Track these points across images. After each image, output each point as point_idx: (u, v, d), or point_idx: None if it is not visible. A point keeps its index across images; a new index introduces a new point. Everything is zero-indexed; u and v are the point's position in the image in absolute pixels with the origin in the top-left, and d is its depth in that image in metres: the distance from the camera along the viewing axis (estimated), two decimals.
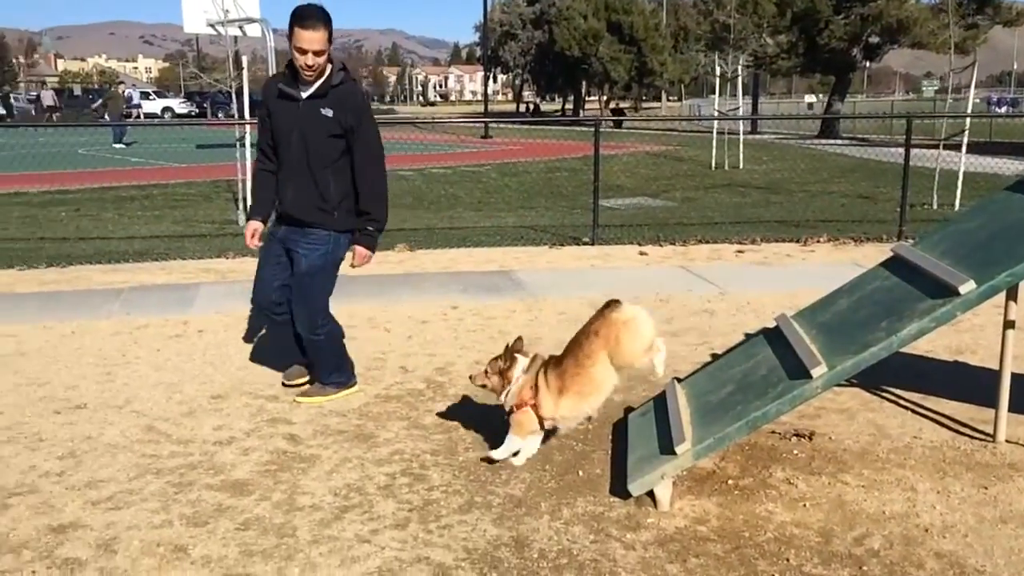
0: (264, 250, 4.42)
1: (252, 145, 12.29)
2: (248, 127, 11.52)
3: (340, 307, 6.38)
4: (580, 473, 3.63)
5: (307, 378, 4.61)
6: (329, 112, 4.06)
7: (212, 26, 14.20)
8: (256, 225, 4.36)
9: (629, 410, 4.26)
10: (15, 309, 6.41)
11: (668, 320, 6.01)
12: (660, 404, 3.87)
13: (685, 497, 3.38)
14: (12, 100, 54.88)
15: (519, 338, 3.81)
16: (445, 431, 4.10)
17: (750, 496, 3.41)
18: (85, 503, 3.35)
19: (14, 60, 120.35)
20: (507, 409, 3.69)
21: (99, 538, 3.09)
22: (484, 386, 3.79)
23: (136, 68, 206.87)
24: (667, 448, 3.35)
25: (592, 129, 10.45)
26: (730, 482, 3.52)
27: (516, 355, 3.71)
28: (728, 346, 5.31)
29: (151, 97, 54.36)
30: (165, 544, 3.05)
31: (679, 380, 4.14)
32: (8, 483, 3.53)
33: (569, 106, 67.56)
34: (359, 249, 4.35)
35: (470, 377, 3.90)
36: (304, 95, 4.08)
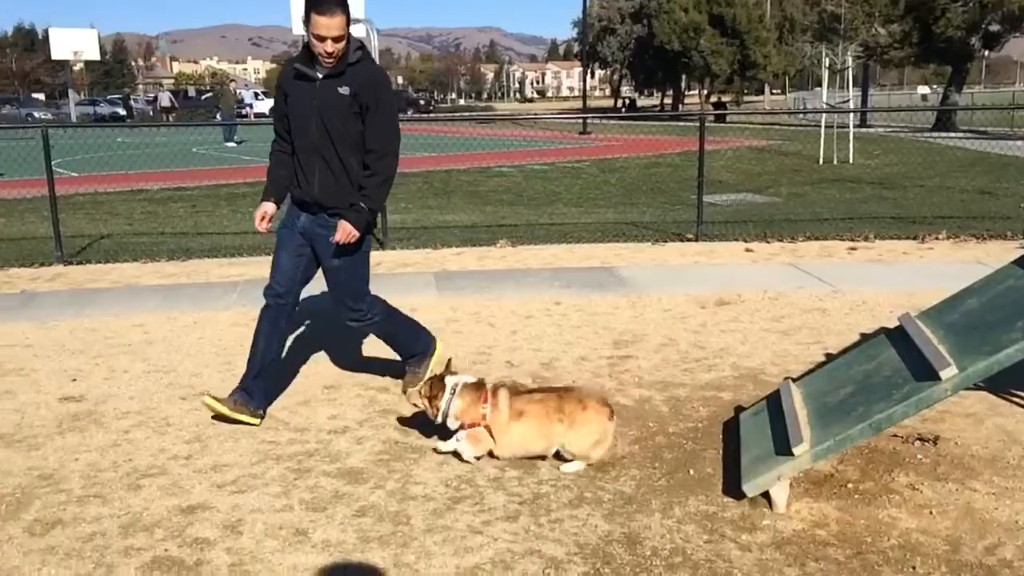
0: (282, 237, 4.18)
1: None
2: None
3: (444, 301, 6.52)
4: (691, 472, 3.58)
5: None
6: (346, 90, 3.85)
7: None
8: (268, 207, 4.11)
9: (739, 409, 4.18)
10: (142, 300, 6.74)
11: (778, 318, 5.86)
12: (774, 404, 3.78)
13: (802, 500, 3.29)
14: (132, 102, 57.77)
15: (448, 360, 4.00)
16: None
17: (872, 501, 3.29)
18: (211, 486, 3.50)
19: (133, 63, 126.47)
20: (452, 428, 3.71)
21: (225, 519, 3.22)
22: (416, 405, 3.84)
23: (245, 69, 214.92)
24: (784, 449, 3.26)
25: (692, 124, 10.30)
26: (849, 486, 3.41)
27: (445, 380, 3.75)
28: (843, 346, 5.14)
29: (260, 97, 56.30)
30: (287, 527, 3.16)
31: (793, 380, 4.03)
32: (140, 465, 3.72)
33: (668, 101, 66.65)
34: (343, 224, 3.94)
35: (410, 393, 3.93)
36: (321, 75, 3.87)
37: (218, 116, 31.91)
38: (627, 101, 69.61)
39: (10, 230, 10.65)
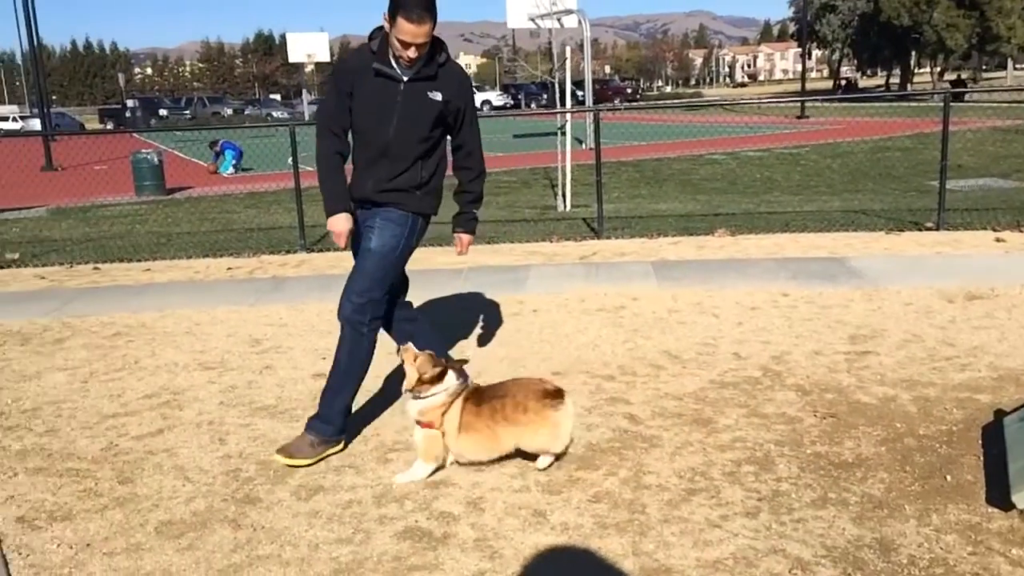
0: (354, 248, 3.89)
1: (563, 134, 12.68)
2: (568, 116, 11.94)
3: (664, 291, 6.45)
4: (948, 478, 3.32)
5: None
6: (438, 96, 3.64)
7: (532, 20, 14.88)
8: (345, 223, 3.69)
9: (999, 413, 3.83)
10: None
11: None
12: None
13: None
14: None
15: (464, 361, 3.76)
16: (787, 422, 3.96)
17: None
18: (452, 463, 3.66)
19: None
20: (412, 415, 3.55)
21: (467, 496, 3.36)
22: (402, 362, 3.59)
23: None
24: None
25: (923, 105, 9.53)
26: None
27: (449, 371, 3.54)
28: None
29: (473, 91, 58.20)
30: (526, 508, 3.25)
31: None
32: (387, 440, 3.96)
33: (894, 80, 62.13)
34: (464, 236, 3.98)
35: (399, 350, 3.63)
36: (406, 76, 3.62)
37: None
38: (844, 82, 65.64)
39: (259, 220, 11.68)
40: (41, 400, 4.66)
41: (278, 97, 78.88)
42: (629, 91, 62.63)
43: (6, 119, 61.42)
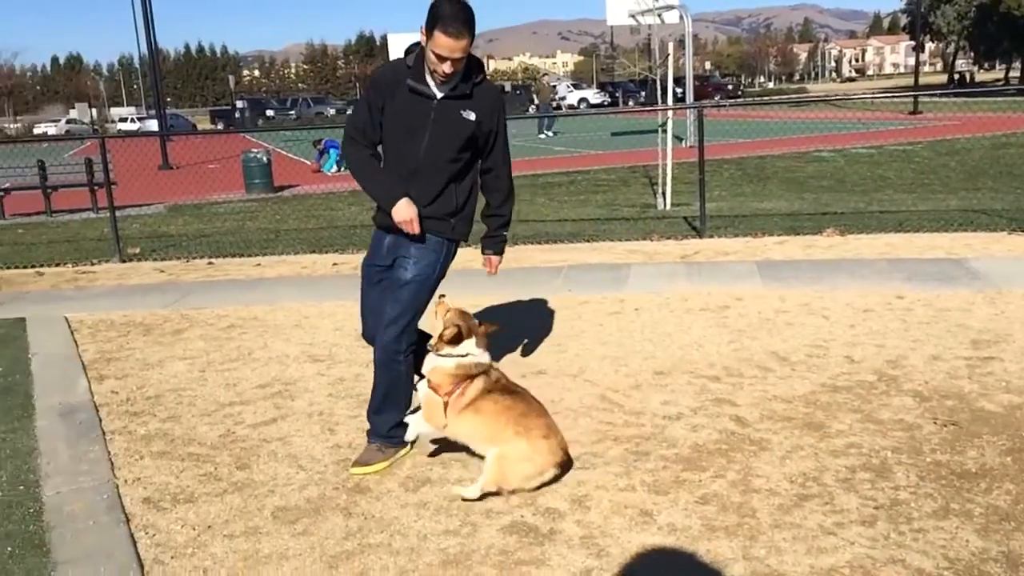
0: (364, 271, 3.89)
1: (664, 131, 12.51)
2: (670, 113, 11.79)
3: (771, 291, 6.29)
4: None
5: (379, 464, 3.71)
6: (471, 115, 3.54)
7: (633, 16, 14.75)
8: (411, 207, 3.54)
9: None
10: (476, 282, 7.22)
11: None
12: None
13: None
14: None
15: (496, 328, 3.62)
16: (905, 428, 3.81)
17: None
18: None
19: None
20: (425, 370, 3.49)
21: (573, 494, 3.36)
22: (436, 315, 3.55)
23: (555, 63, 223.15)
24: None
25: None
26: None
27: (473, 337, 3.44)
28: None
29: (570, 89, 58.13)
30: (631, 507, 3.22)
31: None
32: None
33: (1014, 74, 59.01)
34: (494, 258, 3.94)
35: (440, 301, 3.60)
36: (440, 93, 3.51)
37: (531, 109, 33.43)
38: (959, 76, 62.71)
39: (362, 217, 11.93)
40: (163, 388, 4.89)
41: None
42: (730, 87, 61.37)
43: (125, 120, 64.73)
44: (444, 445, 3.72)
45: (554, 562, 2.88)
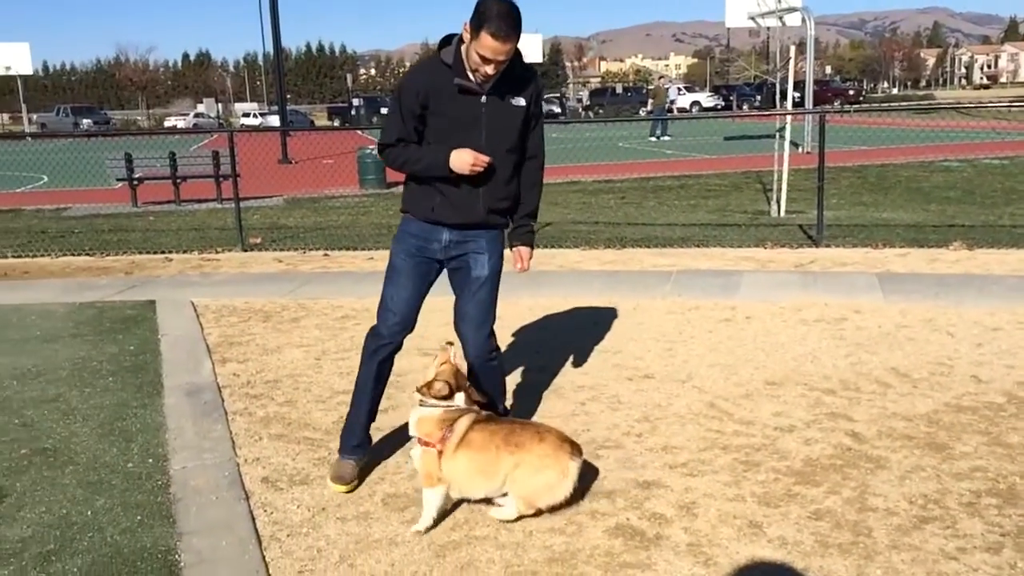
0: (404, 265, 3.62)
1: (781, 136, 12.19)
2: (788, 118, 11.48)
3: (891, 305, 6.06)
4: None
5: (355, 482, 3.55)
6: (521, 101, 3.41)
7: (752, 19, 14.43)
8: (467, 152, 3.32)
9: None
10: (585, 284, 7.24)
11: None
12: None
13: None
14: (564, 100, 62.46)
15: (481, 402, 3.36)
16: None
17: None
18: (663, 465, 3.64)
19: (567, 64, 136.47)
20: (411, 425, 3.27)
21: (679, 500, 3.33)
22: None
23: (667, 65, 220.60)
24: None
25: None
26: None
27: (461, 393, 3.25)
28: None
29: (681, 92, 57.31)
30: (740, 517, 3.17)
31: None
32: (597, 436, 3.99)
33: None
34: (524, 250, 3.65)
35: (444, 348, 3.39)
36: (486, 87, 3.34)
37: (642, 111, 33.12)
38: None
39: None
40: (281, 373, 5.09)
41: None
42: (851, 92, 59.28)
43: (248, 115, 67.51)
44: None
45: (660, 567, 2.86)
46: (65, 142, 30.96)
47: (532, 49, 48.92)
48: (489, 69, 3.24)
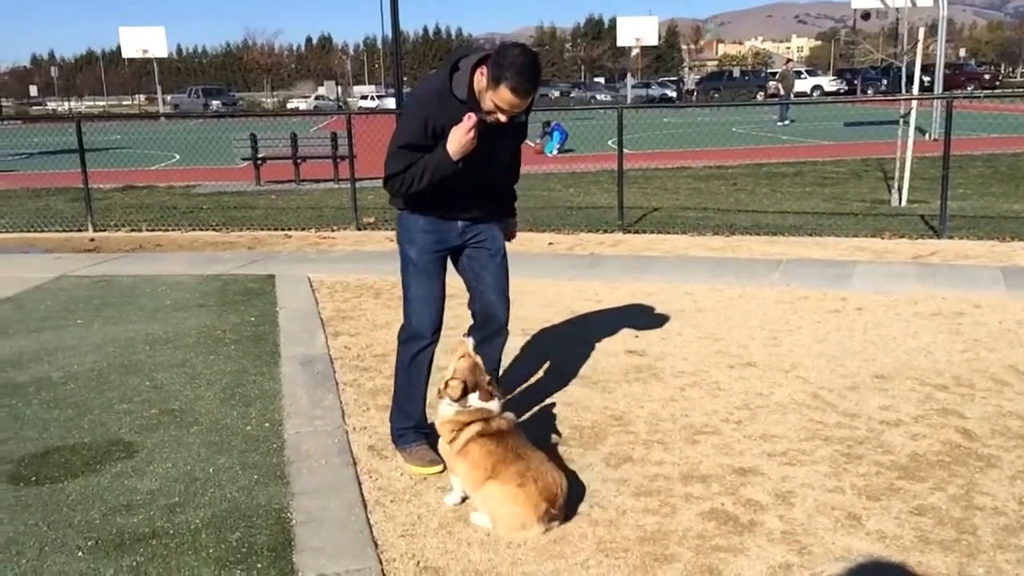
0: (428, 264, 3.64)
1: (906, 123, 11.69)
2: (914, 104, 11.00)
3: (1015, 301, 5.77)
4: None
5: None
6: (522, 117, 3.39)
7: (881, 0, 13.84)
8: (455, 130, 3.23)
9: None
10: (691, 270, 7.18)
11: None
12: None
13: None
14: (681, 84, 61.37)
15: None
16: None
17: None
18: (761, 453, 3.62)
19: (684, 47, 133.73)
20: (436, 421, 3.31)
21: (776, 488, 3.31)
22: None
23: (789, 48, 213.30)
24: None
25: None
26: None
27: (477, 391, 3.20)
28: None
29: (803, 76, 55.36)
30: (839, 509, 3.13)
31: None
32: (695, 422, 4.00)
33: None
34: (512, 220, 3.88)
35: (463, 340, 3.37)
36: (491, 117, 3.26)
37: (759, 96, 32.20)
38: None
39: (579, 199, 12.15)
40: (389, 347, 5.27)
41: (602, 80, 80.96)
42: (986, 77, 55.98)
43: (365, 98, 69.20)
44: None
45: (752, 553, 2.87)
46: (196, 122, 32.57)
47: (648, 32, 48.33)
48: (502, 118, 3.21)
